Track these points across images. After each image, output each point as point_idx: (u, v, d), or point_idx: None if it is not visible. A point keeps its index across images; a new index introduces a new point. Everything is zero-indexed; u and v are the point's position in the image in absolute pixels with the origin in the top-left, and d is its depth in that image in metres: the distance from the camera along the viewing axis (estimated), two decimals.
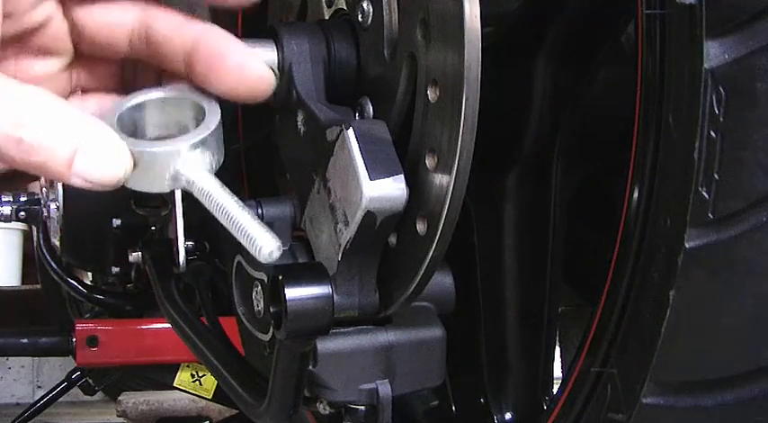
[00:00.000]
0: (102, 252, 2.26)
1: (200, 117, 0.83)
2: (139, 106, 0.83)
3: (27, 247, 5.53)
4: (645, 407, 0.89)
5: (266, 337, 1.00)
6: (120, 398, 3.77)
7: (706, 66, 0.81)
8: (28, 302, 3.86)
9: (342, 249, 0.90)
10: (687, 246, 0.84)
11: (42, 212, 2.18)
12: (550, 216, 1.28)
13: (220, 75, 0.82)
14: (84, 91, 0.87)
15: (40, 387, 5.66)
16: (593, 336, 0.96)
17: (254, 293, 1.00)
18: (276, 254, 0.79)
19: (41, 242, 2.62)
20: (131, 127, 0.82)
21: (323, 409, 1.01)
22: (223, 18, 1.18)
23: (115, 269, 2.40)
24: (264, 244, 0.79)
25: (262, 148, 1.13)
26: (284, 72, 0.97)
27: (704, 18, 0.81)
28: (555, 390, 1.16)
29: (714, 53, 0.81)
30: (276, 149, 1.04)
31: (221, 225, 0.81)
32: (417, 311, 0.99)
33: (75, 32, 0.83)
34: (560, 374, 1.56)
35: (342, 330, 0.95)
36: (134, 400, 3.76)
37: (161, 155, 0.78)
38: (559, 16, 1.18)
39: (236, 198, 0.80)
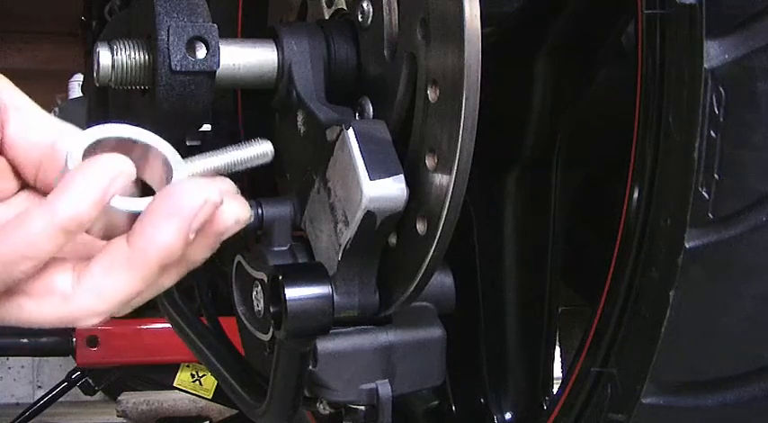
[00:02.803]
0: None
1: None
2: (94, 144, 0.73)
3: None
4: (645, 407, 0.89)
5: (266, 337, 1.00)
6: (120, 398, 3.77)
7: (706, 66, 0.81)
8: None
9: (342, 249, 0.90)
10: (687, 246, 0.84)
11: None
12: (550, 216, 1.28)
13: None
14: None
15: (40, 387, 5.66)
16: (593, 336, 0.96)
17: (254, 293, 1.00)
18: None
19: None
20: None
21: (323, 409, 1.01)
22: (221, 18, 1.18)
23: None
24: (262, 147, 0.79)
25: None
26: (284, 72, 0.97)
27: (704, 18, 0.81)
28: (555, 390, 1.16)
29: (714, 53, 0.81)
30: (276, 149, 1.04)
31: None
32: (417, 311, 0.99)
33: None
34: (560, 374, 1.56)
35: (342, 330, 0.95)
36: (134, 400, 3.76)
37: None
38: (559, 16, 1.18)
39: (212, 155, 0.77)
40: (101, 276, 0.68)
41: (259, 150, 0.80)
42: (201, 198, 0.67)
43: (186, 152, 1.10)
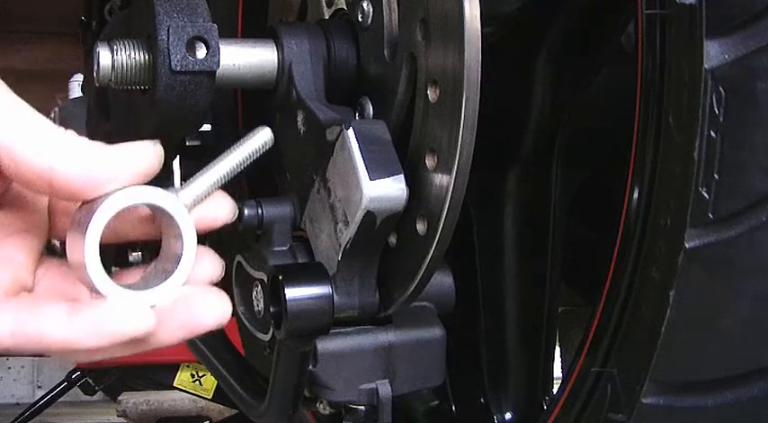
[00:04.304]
0: (101, 252, 2.25)
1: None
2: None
3: None
4: (645, 407, 0.89)
5: (266, 337, 1.00)
6: (120, 398, 3.77)
7: (706, 66, 0.81)
8: None
9: (342, 249, 0.90)
10: (687, 246, 0.84)
11: None
12: (550, 216, 1.28)
13: None
14: None
15: (40, 387, 5.66)
16: (593, 336, 0.96)
17: (254, 293, 1.00)
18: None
19: None
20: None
21: (323, 409, 1.01)
22: (221, 18, 1.17)
23: (115, 269, 2.39)
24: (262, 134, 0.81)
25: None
26: (284, 72, 0.97)
27: (704, 18, 0.81)
28: (555, 390, 1.16)
29: (714, 53, 0.81)
30: (276, 149, 1.04)
31: (222, 226, 0.82)
32: (417, 311, 0.99)
33: None
34: (560, 374, 1.56)
35: (342, 330, 0.95)
36: (134, 400, 3.76)
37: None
38: (559, 16, 1.18)
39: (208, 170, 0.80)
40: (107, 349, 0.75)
41: (259, 142, 0.81)
42: (216, 319, 0.76)
43: (186, 152, 1.10)
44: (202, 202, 0.78)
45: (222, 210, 0.80)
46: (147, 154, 0.74)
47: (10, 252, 0.76)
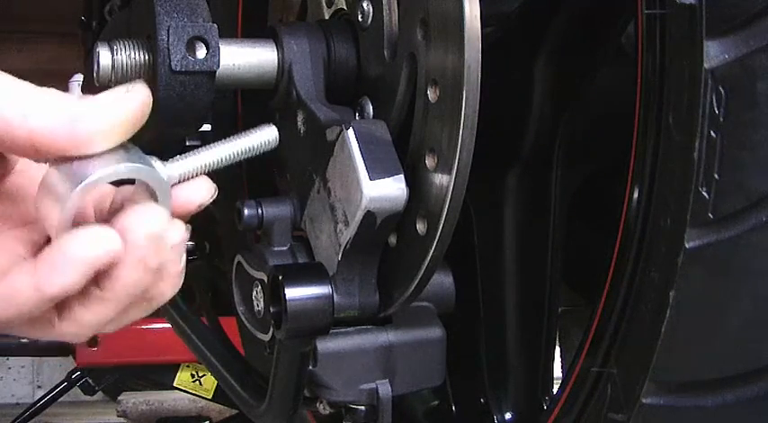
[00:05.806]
0: None
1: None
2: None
3: None
4: (645, 407, 0.89)
5: (266, 337, 1.00)
6: (120, 398, 3.77)
7: (706, 66, 0.81)
8: None
9: (342, 249, 0.90)
10: (687, 246, 0.83)
11: None
12: (550, 216, 1.28)
13: None
14: None
15: (40, 387, 5.66)
16: (593, 336, 0.96)
17: (254, 293, 1.00)
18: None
19: None
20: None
21: (323, 409, 1.01)
22: (221, 18, 1.17)
23: None
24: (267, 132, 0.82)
25: None
26: (284, 72, 0.97)
27: (704, 18, 0.81)
28: (555, 390, 1.16)
29: (714, 53, 0.81)
30: (276, 150, 1.05)
31: (222, 226, 0.81)
32: (417, 311, 0.99)
33: None
34: (560, 374, 1.56)
35: (342, 330, 0.95)
36: (134, 400, 3.76)
37: None
38: (559, 16, 1.18)
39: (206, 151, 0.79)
40: (80, 310, 0.73)
41: (263, 138, 0.81)
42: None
43: (186, 152, 1.10)
44: (186, 181, 0.77)
45: (199, 192, 0.77)
46: (131, 98, 0.70)
47: (8, 244, 0.76)
